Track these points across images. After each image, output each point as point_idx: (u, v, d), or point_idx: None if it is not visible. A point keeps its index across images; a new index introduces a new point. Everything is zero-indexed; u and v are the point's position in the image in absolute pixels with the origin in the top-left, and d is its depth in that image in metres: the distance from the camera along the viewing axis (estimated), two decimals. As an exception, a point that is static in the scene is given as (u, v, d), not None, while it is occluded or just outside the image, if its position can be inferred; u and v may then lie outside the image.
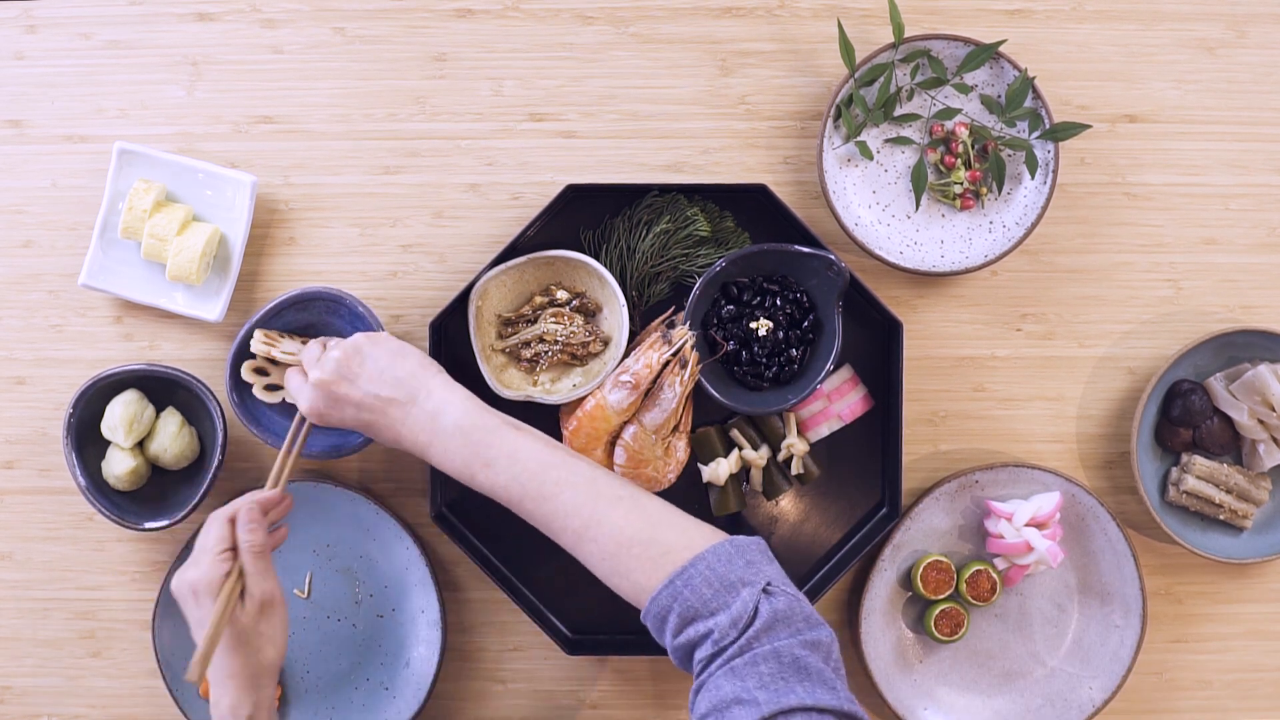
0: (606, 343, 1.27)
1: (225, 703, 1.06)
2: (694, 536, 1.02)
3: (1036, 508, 1.26)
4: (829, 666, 0.95)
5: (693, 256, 1.28)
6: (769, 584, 0.98)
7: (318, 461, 1.30)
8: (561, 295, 1.27)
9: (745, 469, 1.29)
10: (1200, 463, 1.27)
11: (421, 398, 1.10)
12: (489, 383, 1.25)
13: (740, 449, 1.28)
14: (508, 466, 1.07)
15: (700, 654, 0.97)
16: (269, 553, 1.09)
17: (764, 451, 1.28)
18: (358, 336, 1.14)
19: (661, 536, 1.03)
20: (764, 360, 1.25)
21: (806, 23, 1.31)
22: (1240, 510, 1.28)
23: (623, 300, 1.25)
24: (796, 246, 1.23)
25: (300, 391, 1.15)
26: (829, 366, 1.23)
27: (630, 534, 1.03)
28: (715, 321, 1.26)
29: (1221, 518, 1.28)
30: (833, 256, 1.22)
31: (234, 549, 1.07)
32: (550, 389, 1.27)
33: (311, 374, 1.13)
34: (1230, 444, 1.28)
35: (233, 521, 1.08)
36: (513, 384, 1.27)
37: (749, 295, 1.26)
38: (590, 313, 1.28)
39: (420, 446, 1.10)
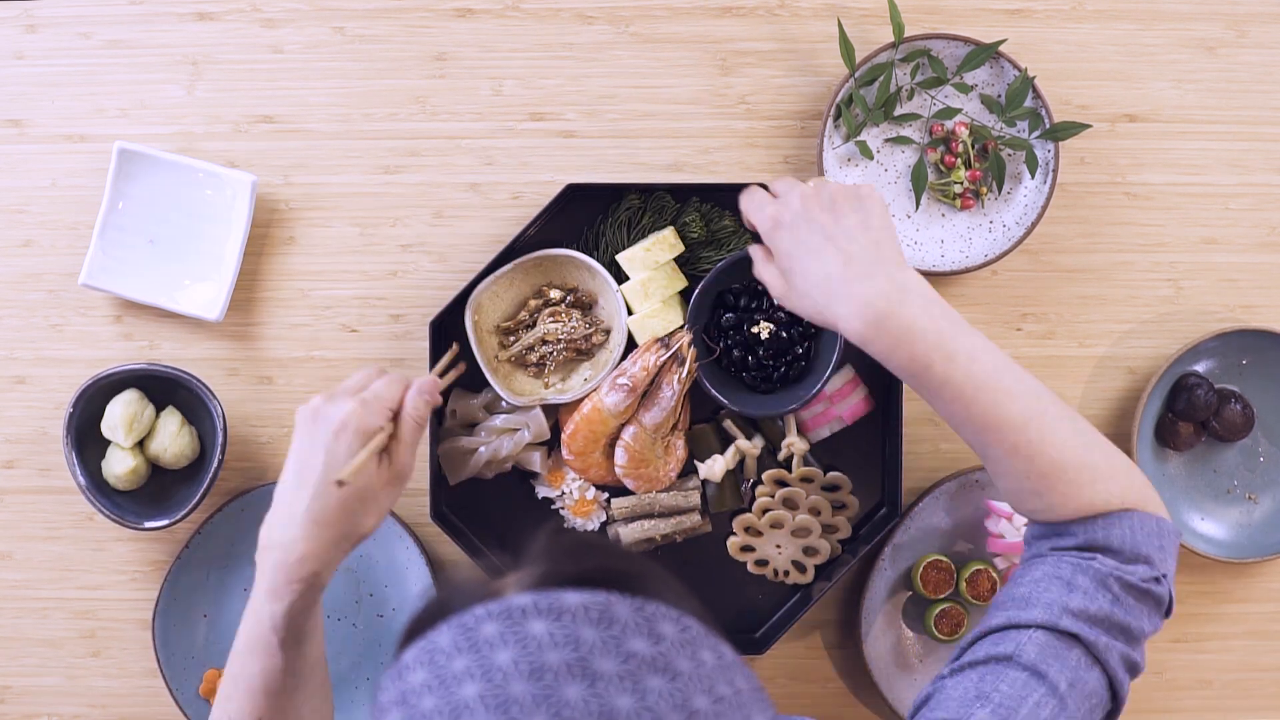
0: (608, 332, 1.28)
1: (299, 549, 0.96)
2: (1127, 487, 0.99)
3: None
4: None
5: (693, 259, 1.28)
6: (1162, 576, 0.98)
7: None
8: (555, 294, 1.27)
9: (741, 464, 1.29)
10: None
11: (894, 268, 1.01)
12: (500, 394, 1.25)
13: (734, 439, 1.28)
14: (967, 364, 0.99)
15: (1089, 563, 0.97)
16: (425, 428, 1.04)
17: (758, 441, 1.28)
18: (867, 188, 1.06)
19: (1098, 467, 0.99)
20: (770, 363, 1.25)
21: (806, 22, 1.31)
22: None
23: (615, 287, 1.25)
24: None
25: (766, 199, 1.07)
26: (835, 358, 1.23)
27: (1069, 457, 0.98)
28: (717, 330, 1.26)
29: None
30: None
31: (395, 412, 1.01)
32: (562, 388, 1.27)
33: (798, 187, 1.05)
34: (1245, 429, 1.28)
35: (404, 386, 1.03)
36: (523, 390, 1.27)
37: (746, 300, 1.26)
38: (586, 306, 1.28)
39: (871, 315, 0.99)
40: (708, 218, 1.27)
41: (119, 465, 1.24)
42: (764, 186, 1.11)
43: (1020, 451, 0.99)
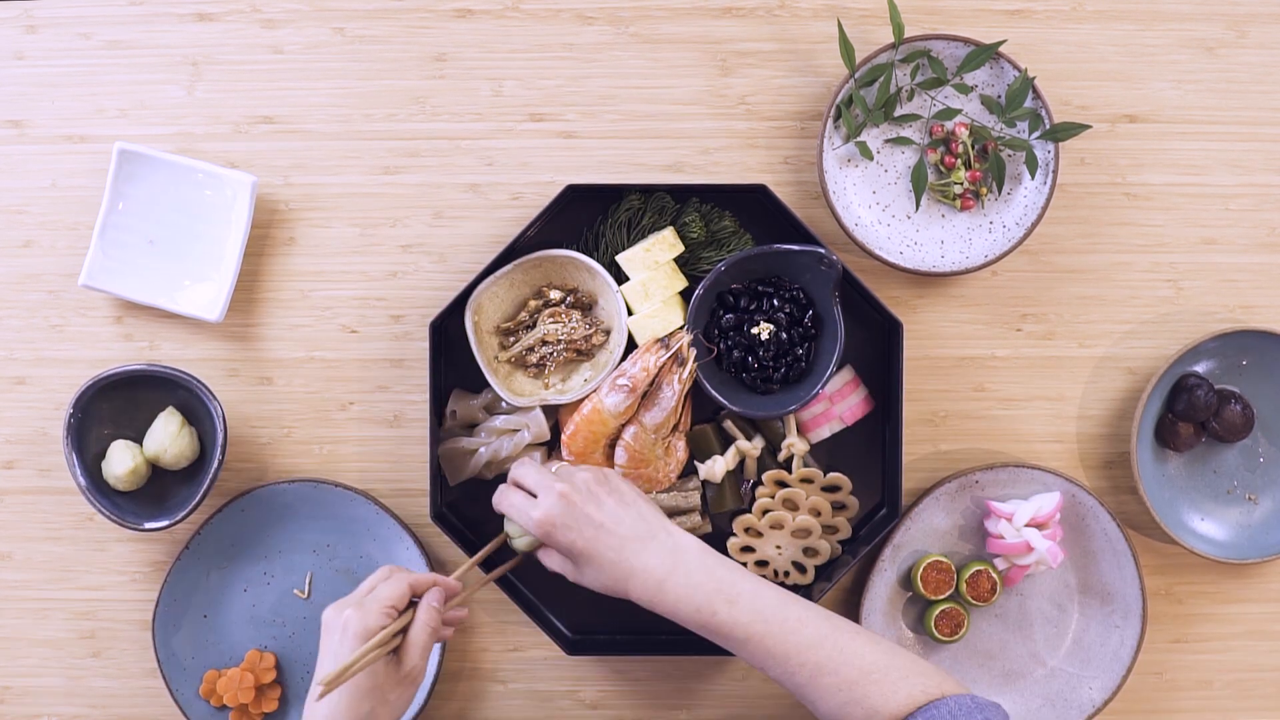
0: (608, 333, 1.28)
1: None
2: (934, 678, 1.06)
3: (1036, 508, 1.26)
4: None
5: (693, 260, 1.28)
6: None
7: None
8: (554, 295, 1.27)
9: (741, 464, 1.29)
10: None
11: (662, 536, 1.11)
12: (500, 394, 1.25)
13: (734, 440, 1.28)
14: (750, 602, 1.07)
15: None
16: (438, 636, 1.11)
17: (758, 441, 1.28)
18: (603, 469, 1.15)
19: (902, 667, 1.06)
20: (771, 364, 1.25)
21: (806, 23, 1.31)
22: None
23: (615, 287, 1.25)
24: (785, 245, 1.23)
25: (531, 505, 1.12)
26: (835, 359, 1.23)
27: (872, 661, 1.06)
28: (717, 331, 1.26)
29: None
30: (823, 250, 1.22)
31: (399, 610, 1.09)
32: (562, 389, 1.27)
33: (557, 485, 1.12)
34: (1245, 430, 1.28)
35: (412, 587, 1.10)
36: (523, 390, 1.27)
37: (746, 301, 1.26)
38: (586, 306, 1.28)
39: (655, 580, 1.09)
40: (707, 218, 1.27)
41: (119, 466, 1.24)
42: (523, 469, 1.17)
43: (824, 668, 1.06)
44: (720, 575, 1.09)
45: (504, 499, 1.16)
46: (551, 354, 1.27)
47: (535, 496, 1.13)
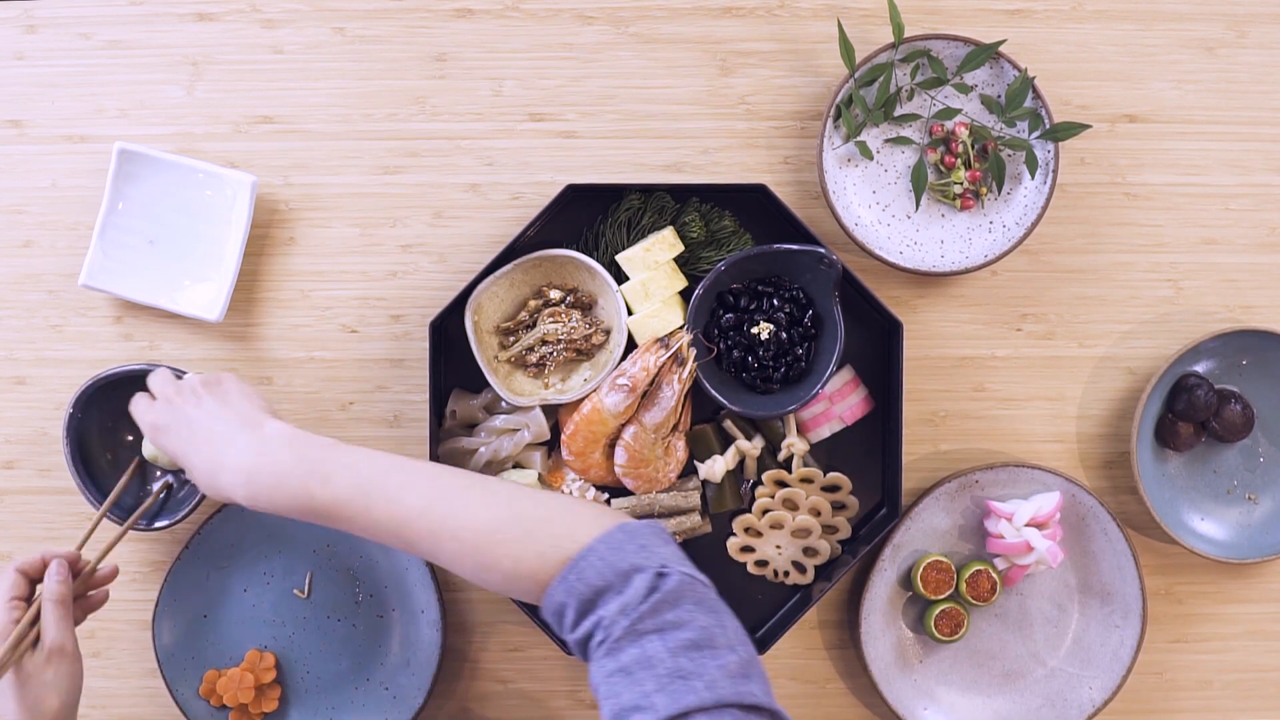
0: (608, 332, 1.28)
1: None
2: (578, 523, 0.96)
3: (1036, 508, 1.26)
4: (724, 643, 0.89)
5: (693, 260, 1.28)
6: (663, 565, 0.92)
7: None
8: (555, 294, 1.27)
9: (741, 464, 1.29)
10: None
11: (253, 428, 1.04)
12: (500, 393, 1.25)
13: (734, 439, 1.28)
14: (347, 476, 0.99)
15: (593, 643, 0.92)
16: (69, 604, 1.09)
17: (758, 441, 1.28)
18: (223, 373, 1.12)
19: (534, 523, 0.96)
20: (770, 363, 1.25)
21: (806, 23, 1.31)
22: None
23: (615, 287, 1.25)
24: (785, 245, 1.23)
25: (142, 407, 1.12)
26: (835, 359, 1.23)
27: (487, 521, 0.97)
28: (717, 331, 1.26)
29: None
30: (823, 250, 1.22)
31: (25, 599, 1.09)
32: (562, 388, 1.27)
33: (166, 389, 1.11)
34: (1245, 430, 1.28)
35: (23, 573, 1.10)
36: (523, 390, 1.27)
37: (746, 300, 1.26)
38: (586, 306, 1.28)
39: (244, 472, 1.01)
40: (707, 218, 1.27)
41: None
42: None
43: (441, 534, 0.97)
44: (312, 455, 1.01)
45: (132, 404, 1.14)
46: (551, 354, 1.27)
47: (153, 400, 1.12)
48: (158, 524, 1.24)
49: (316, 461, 1.00)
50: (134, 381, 1.26)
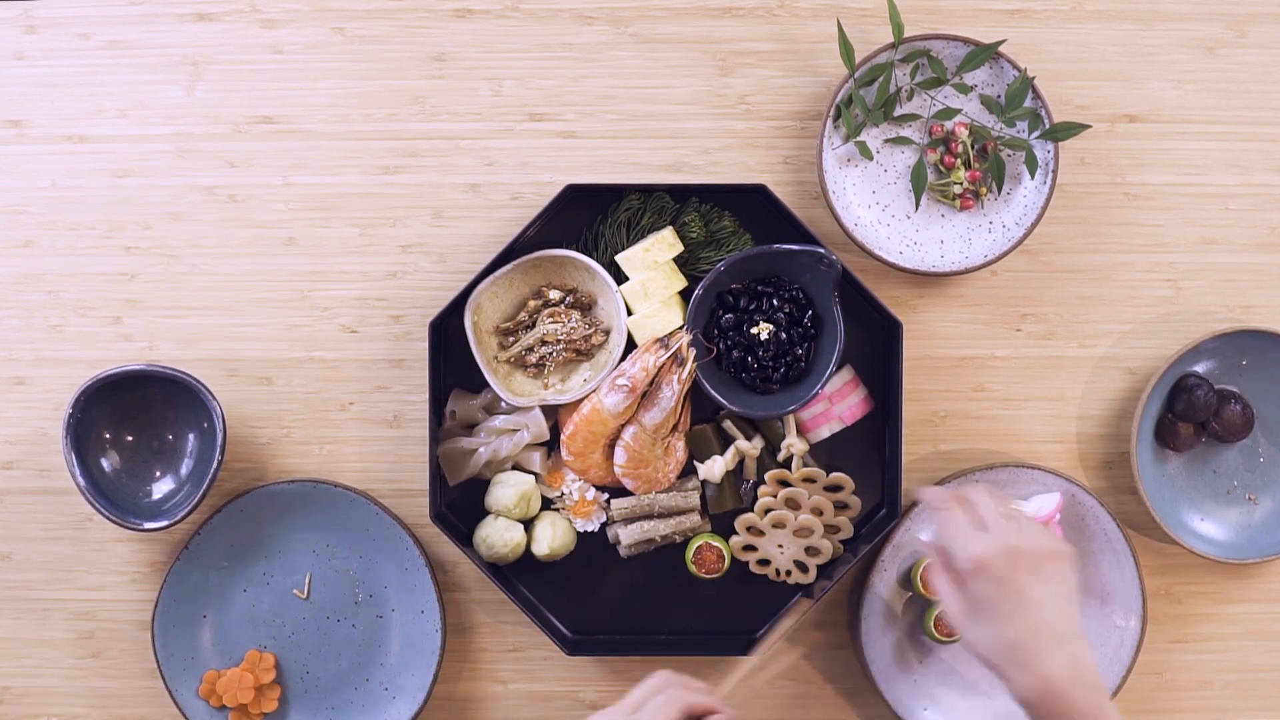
0: (608, 332, 1.28)
1: None
2: None
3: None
4: None
5: (693, 260, 1.28)
6: None
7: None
8: (554, 295, 1.27)
9: (740, 464, 1.29)
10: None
11: (1070, 643, 1.02)
12: (500, 394, 1.25)
13: (734, 440, 1.28)
14: None
15: None
16: None
17: (757, 441, 1.28)
18: (1066, 544, 1.06)
19: None
20: (770, 364, 1.25)
21: (806, 23, 1.31)
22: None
23: (614, 287, 1.25)
24: (785, 245, 1.23)
25: (974, 537, 1.05)
26: (835, 359, 1.23)
27: None
28: (716, 331, 1.26)
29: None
30: (822, 250, 1.22)
31: None
32: (562, 389, 1.27)
33: (1010, 536, 1.03)
34: (1245, 430, 1.28)
35: (686, 713, 1.06)
36: (523, 390, 1.27)
37: (745, 300, 1.26)
38: (585, 306, 1.28)
39: (1053, 683, 1.01)
40: (707, 218, 1.27)
41: (498, 539, 1.26)
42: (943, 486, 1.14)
43: None
44: (1101, 704, 1.01)
45: (946, 515, 1.08)
46: (551, 354, 1.27)
47: (985, 530, 1.05)
48: (157, 524, 1.24)
49: (1101, 713, 1.00)
50: (134, 381, 1.26)
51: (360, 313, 1.31)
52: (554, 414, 1.29)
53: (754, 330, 1.25)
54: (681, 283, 1.27)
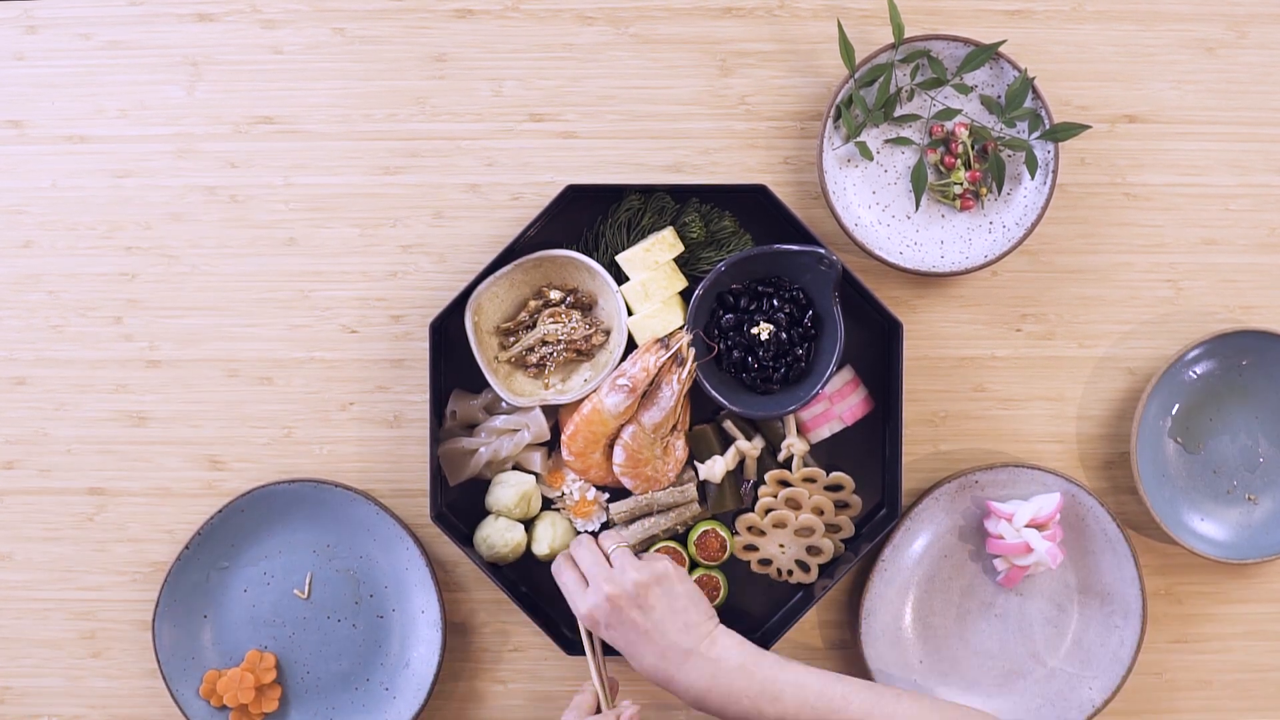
0: (608, 333, 1.28)
1: None
2: None
3: (1037, 508, 1.26)
4: None
5: (694, 260, 1.28)
6: None
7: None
8: (555, 295, 1.27)
9: (741, 464, 1.29)
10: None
11: (704, 646, 1.13)
12: (500, 394, 1.25)
13: (734, 440, 1.28)
14: (795, 693, 1.11)
15: None
16: None
17: (757, 441, 1.28)
18: (660, 564, 1.16)
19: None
20: (770, 364, 1.25)
21: (806, 23, 1.31)
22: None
23: (615, 288, 1.25)
24: (785, 245, 1.23)
25: (580, 595, 1.17)
26: (835, 359, 1.23)
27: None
28: (717, 331, 1.26)
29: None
30: (822, 250, 1.22)
31: None
32: (562, 389, 1.27)
33: (604, 585, 1.15)
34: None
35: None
36: (523, 390, 1.27)
37: (746, 301, 1.26)
38: (586, 307, 1.28)
39: (697, 692, 1.12)
40: (707, 218, 1.27)
41: (498, 539, 1.27)
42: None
43: None
44: (760, 676, 1.12)
45: (560, 574, 1.20)
46: (551, 354, 1.27)
47: (586, 586, 1.17)
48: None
49: (767, 681, 1.12)
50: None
51: (361, 313, 1.31)
52: (554, 414, 1.29)
53: (754, 330, 1.25)
54: (682, 283, 1.27)
